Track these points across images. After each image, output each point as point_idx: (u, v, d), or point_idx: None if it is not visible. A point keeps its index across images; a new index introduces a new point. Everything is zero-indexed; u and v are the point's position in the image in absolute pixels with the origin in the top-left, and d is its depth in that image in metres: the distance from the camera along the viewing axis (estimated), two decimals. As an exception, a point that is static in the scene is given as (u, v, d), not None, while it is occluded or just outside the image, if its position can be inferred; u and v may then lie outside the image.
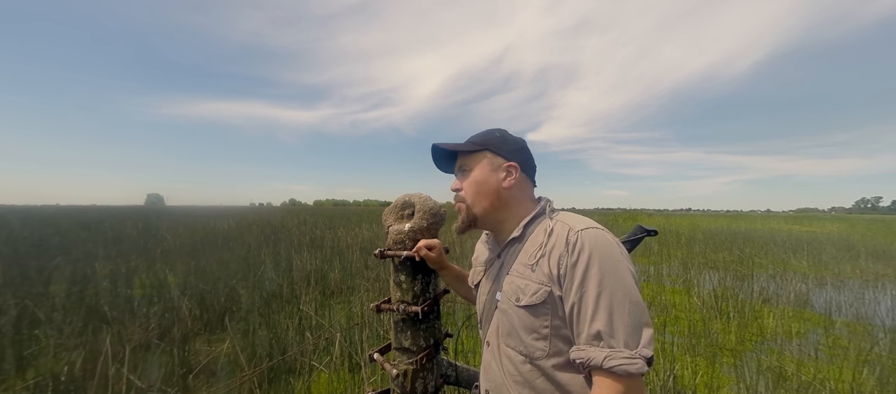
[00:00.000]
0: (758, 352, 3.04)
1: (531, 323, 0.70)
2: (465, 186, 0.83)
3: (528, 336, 0.70)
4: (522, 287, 0.72)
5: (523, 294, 0.71)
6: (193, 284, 4.14)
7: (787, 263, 7.35)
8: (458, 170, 0.86)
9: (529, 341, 0.70)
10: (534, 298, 0.69)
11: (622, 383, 0.58)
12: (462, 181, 0.84)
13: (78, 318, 3.10)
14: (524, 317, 0.71)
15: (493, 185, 0.79)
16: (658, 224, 17.63)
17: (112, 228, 11.25)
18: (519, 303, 0.72)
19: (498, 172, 0.80)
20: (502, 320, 0.76)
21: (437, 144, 0.86)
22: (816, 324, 3.86)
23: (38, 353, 2.52)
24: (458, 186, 0.85)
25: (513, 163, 0.80)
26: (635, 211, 38.14)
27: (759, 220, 30.65)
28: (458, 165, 0.85)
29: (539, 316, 0.69)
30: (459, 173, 0.85)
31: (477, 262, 0.96)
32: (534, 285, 0.70)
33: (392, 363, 1.09)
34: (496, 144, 0.81)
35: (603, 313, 0.61)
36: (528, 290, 0.71)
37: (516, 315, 0.72)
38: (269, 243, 7.71)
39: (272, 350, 2.58)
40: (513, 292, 0.73)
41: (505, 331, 0.76)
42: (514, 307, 0.73)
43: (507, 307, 0.75)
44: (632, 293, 0.62)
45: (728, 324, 3.66)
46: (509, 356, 0.74)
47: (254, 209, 40.13)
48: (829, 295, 4.86)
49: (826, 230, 16.63)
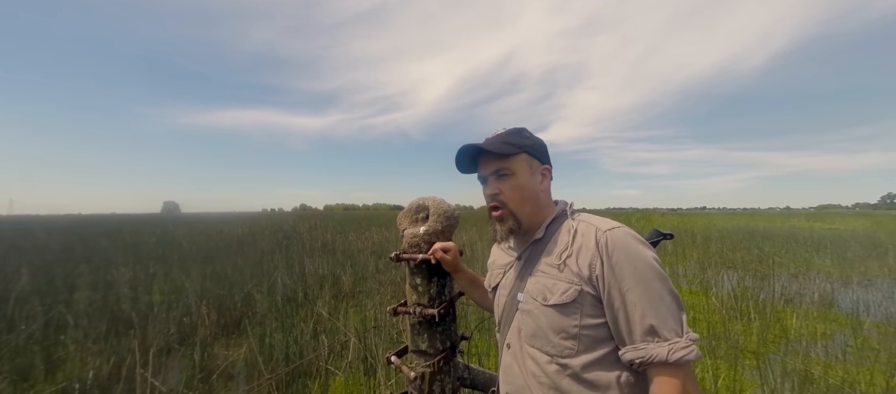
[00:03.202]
0: (781, 354, 2.93)
1: (560, 322, 0.70)
2: (506, 189, 0.79)
3: (557, 336, 0.70)
4: (550, 287, 0.72)
5: (551, 293, 0.71)
6: (210, 290, 4.24)
7: (810, 261, 7.08)
8: (494, 173, 0.79)
9: (557, 341, 0.70)
10: (563, 296, 0.69)
11: (685, 371, 0.61)
12: (500, 185, 0.79)
13: (102, 323, 3.22)
14: (553, 316, 0.70)
15: (534, 188, 0.79)
16: (673, 223, 17.25)
17: (131, 236, 11.63)
18: (547, 302, 0.71)
19: (535, 174, 0.80)
20: (525, 320, 0.76)
21: (478, 145, 0.79)
22: (843, 325, 3.71)
23: (65, 357, 2.62)
24: (497, 190, 0.80)
25: (547, 166, 0.82)
26: (648, 211, 37.39)
27: (779, 217, 29.68)
28: (496, 167, 0.79)
29: (569, 315, 0.69)
30: (496, 177, 0.80)
31: (494, 265, 0.94)
32: (563, 284, 0.70)
33: (409, 366, 1.09)
34: (531, 146, 0.80)
35: (651, 309, 0.62)
36: (556, 289, 0.71)
37: (544, 315, 0.72)
38: (281, 248, 7.84)
39: (288, 353, 2.62)
40: (539, 292, 0.73)
41: (529, 332, 0.75)
42: (542, 307, 0.72)
43: (532, 308, 0.74)
44: (667, 283, 0.65)
45: (749, 325, 3.55)
46: (533, 357, 0.74)
47: (266, 215, 40.84)
48: (856, 295, 4.66)
49: (850, 227, 16.00)
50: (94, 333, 3.01)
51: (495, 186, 0.80)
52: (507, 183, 0.79)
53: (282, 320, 3.38)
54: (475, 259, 6.29)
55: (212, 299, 3.86)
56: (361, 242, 8.81)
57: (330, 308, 3.78)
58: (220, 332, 3.30)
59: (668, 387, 0.60)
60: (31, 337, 2.87)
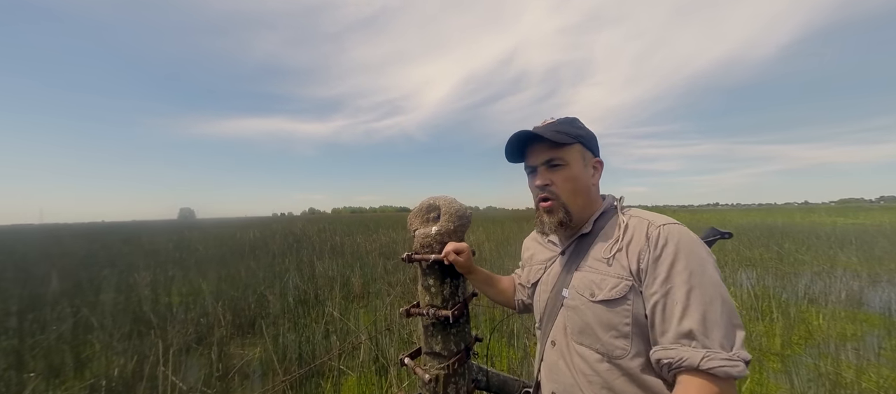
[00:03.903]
0: (808, 356, 2.81)
1: (610, 319, 0.66)
2: (559, 181, 0.75)
3: (606, 334, 0.66)
4: (598, 282, 0.69)
5: (600, 289, 0.68)
6: (225, 291, 4.34)
7: (835, 258, 6.79)
8: (545, 162, 0.76)
9: (607, 339, 0.66)
10: (613, 292, 0.66)
11: (718, 386, 0.53)
12: (552, 175, 0.75)
13: (125, 323, 3.33)
14: (601, 312, 0.67)
15: (586, 181, 0.76)
16: (685, 220, 16.80)
17: (150, 242, 12.00)
18: (594, 298, 0.68)
19: (588, 167, 0.77)
20: (572, 317, 0.73)
21: (532, 131, 0.75)
22: (874, 325, 3.53)
23: (92, 356, 2.73)
24: (548, 181, 0.76)
25: (599, 159, 0.79)
26: (657, 208, 36.62)
27: (798, 213, 28.63)
28: (549, 157, 0.75)
29: (618, 312, 0.65)
30: (548, 167, 0.76)
31: (533, 260, 0.92)
32: (612, 280, 0.67)
33: (423, 368, 1.08)
34: (586, 136, 0.76)
35: (694, 311, 0.56)
36: (605, 284, 0.67)
37: (592, 311, 0.68)
38: (292, 251, 7.97)
39: (301, 353, 2.66)
40: (586, 287, 0.70)
41: (576, 328, 0.72)
42: (589, 303, 0.69)
43: (579, 303, 0.71)
44: (723, 291, 0.58)
45: (772, 326, 3.42)
46: (582, 355, 0.70)
47: (277, 219, 41.62)
48: (887, 293, 4.45)
49: (876, 222, 15.30)
50: (119, 333, 3.12)
51: (547, 177, 0.76)
52: (560, 174, 0.75)
53: (294, 321, 3.42)
54: (483, 260, 6.26)
55: (227, 300, 3.95)
56: (369, 243, 8.88)
57: (341, 309, 3.81)
58: (236, 332, 3.37)
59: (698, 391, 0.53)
60: (61, 337, 3.00)
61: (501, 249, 7.28)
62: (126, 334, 3.10)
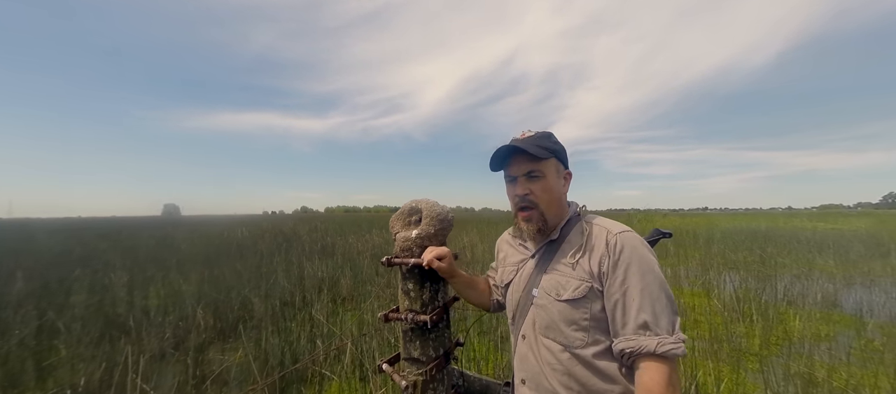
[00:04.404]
0: (784, 357, 2.89)
1: (572, 315, 0.77)
2: (537, 191, 0.84)
3: (568, 328, 0.78)
4: (563, 283, 0.80)
5: (564, 290, 0.79)
6: (207, 294, 4.20)
7: (813, 262, 7.03)
8: (526, 174, 0.84)
9: (569, 333, 0.78)
10: (575, 292, 0.77)
11: (669, 365, 0.67)
12: (532, 186, 0.84)
13: (96, 328, 3.18)
14: (565, 310, 0.78)
15: (559, 191, 0.87)
16: (674, 224, 17.21)
17: (129, 239, 11.60)
18: (560, 298, 0.79)
19: (560, 178, 0.88)
20: (540, 314, 0.83)
21: (519, 146, 0.82)
22: (846, 326, 3.66)
23: (57, 363, 2.58)
24: (527, 191, 0.85)
25: (569, 171, 0.90)
26: (650, 211, 37.40)
27: (781, 218, 29.61)
28: (529, 169, 0.84)
29: (579, 309, 0.77)
30: (528, 178, 0.84)
31: (506, 262, 1.00)
32: (575, 282, 0.78)
33: (401, 374, 1.06)
34: (559, 151, 0.87)
35: (647, 306, 0.70)
36: (570, 286, 0.79)
37: (556, 309, 0.79)
38: (281, 251, 7.81)
39: (284, 359, 2.58)
40: (553, 288, 0.81)
41: (543, 324, 0.82)
42: (555, 302, 0.80)
43: (546, 302, 0.82)
44: (666, 288, 0.72)
45: (752, 327, 3.50)
46: (548, 347, 0.81)
47: (266, 217, 40.79)
48: (859, 295, 4.62)
49: (852, 227, 15.91)
50: (88, 338, 2.98)
51: (526, 187, 0.85)
52: (539, 185, 0.84)
53: (278, 325, 3.34)
54: (476, 261, 6.25)
55: (209, 302, 3.83)
56: (362, 244, 8.77)
57: (328, 312, 3.74)
58: (217, 336, 3.26)
59: (656, 374, 0.66)
60: (23, 343, 2.83)
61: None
62: (96, 339, 2.95)
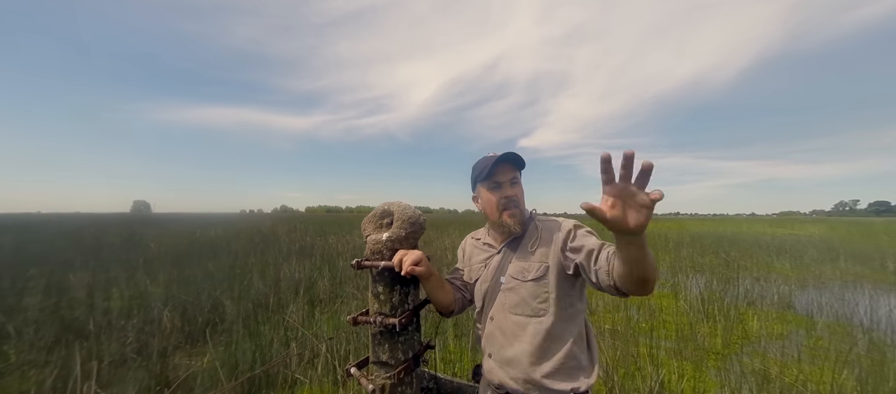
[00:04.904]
0: (742, 355, 3.08)
1: (535, 291, 0.99)
2: (519, 194, 1.07)
3: (534, 301, 0.99)
4: (527, 267, 1.01)
5: (529, 272, 1.01)
6: (176, 295, 4.02)
7: (771, 265, 7.51)
8: (511, 180, 1.06)
9: (534, 305, 0.98)
10: (537, 273, 1.00)
11: None
12: (515, 190, 1.06)
13: (50, 332, 2.98)
14: (531, 287, 0.99)
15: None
16: (647, 229, 17.88)
17: (93, 237, 10.91)
18: (526, 279, 1.00)
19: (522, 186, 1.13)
20: (509, 295, 1.03)
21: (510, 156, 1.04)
22: (799, 325, 3.94)
23: (5, 370, 2.40)
24: (513, 194, 1.06)
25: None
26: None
27: (745, 223, 31.39)
28: (513, 176, 1.06)
29: (540, 285, 0.99)
30: (512, 183, 1.06)
31: (472, 260, 1.18)
32: (536, 264, 1.01)
33: (369, 378, 1.06)
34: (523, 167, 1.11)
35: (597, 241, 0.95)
36: (532, 268, 1.01)
37: (524, 288, 1.00)
38: (257, 252, 7.57)
39: (255, 363, 2.51)
40: (519, 272, 1.02)
41: (511, 303, 1.02)
42: (522, 283, 1.00)
43: (514, 285, 1.02)
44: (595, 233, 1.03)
45: (714, 327, 3.70)
46: (514, 321, 1.00)
47: (243, 217, 39.26)
48: (811, 296, 4.97)
49: (807, 233, 17.12)
50: (41, 342, 2.78)
51: (512, 191, 1.06)
52: (518, 190, 1.07)
53: (250, 328, 3.24)
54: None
55: (177, 305, 3.66)
56: (342, 245, 8.63)
57: (304, 314, 3.66)
58: (185, 340, 3.12)
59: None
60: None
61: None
62: (51, 343, 2.77)
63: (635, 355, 2.85)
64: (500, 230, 1.11)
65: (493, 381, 1.03)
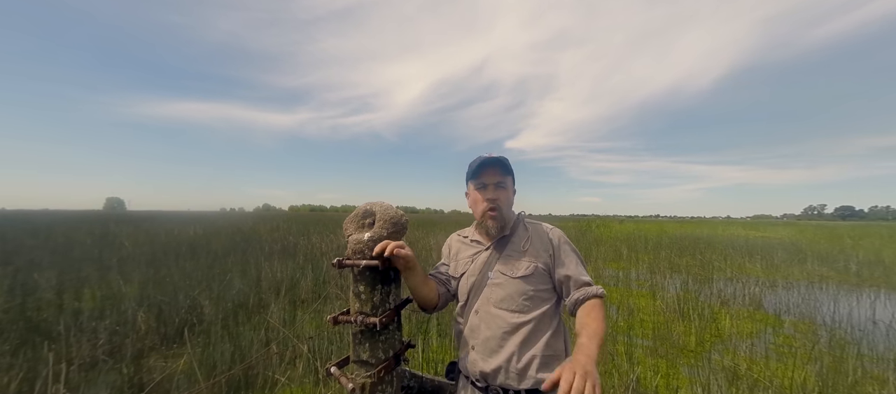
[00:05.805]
0: (714, 352, 3.22)
1: (523, 288, 1.05)
2: (502, 198, 1.13)
3: (520, 297, 1.05)
4: (516, 265, 1.08)
5: (517, 269, 1.07)
6: (151, 296, 3.88)
7: (744, 266, 7.85)
8: (496, 183, 1.12)
9: (520, 301, 1.05)
10: (526, 271, 1.06)
11: (602, 302, 1.04)
12: (499, 193, 1.12)
13: (15, 333, 2.83)
14: (519, 285, 1.05)
15: (512, 201, 1.18)
16: (629, 230, 18.37)
17: (64, 235, 10.36)
18: (514, 276, 1.06)
19: (512, 191, 1.18)
20: (496, 290, 1.08)
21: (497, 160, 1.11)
22: (768, 324, 4.15)
23: (-38, 375, 2.26)
24: (496, 197, 1.12)
25: (515, 189, 1.21)
26: (608, 217, 39.60)
27: (721, 226, 32.64)
28: (499, 180, 1.12)
29: (528, 283, 1.06)
30: (496, 187, 1.12)
31: (459, 256, 1.22)
32: (526, 262, 1.08)
33: (349, 377, 1.06)
34: (513, 172, 1.18)
35: (583, 269, 1.09)
36: (521, 266, 1.07)
37: (512, 285, 1.06)
38: (238, 251, 7.37)
39: (233, 365, 2.46)
40: (508, 269, 1.08)
41: (498, 298, 1.07)
42: (510, 279, 1.06)
43: (502, 281, 1.07)
44: (580, 255, 1.14)
45: (689, 326, 3.86)
46: (500, 315, 1.05)
47: (223, 215, 37.96)
48: (780, 296, 5.24)
49: (778, 235, 17.97)
50: (6, 345, 2.64)
51: (495, 194, 1.12)
52: (503, 193, 1.13)
53: (229, 329, 3.16)
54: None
55: (152, 305, 3.54)
56: (325, 244, 8.51)
57: (286, 315, 3.60)
58: (160, 342, 3.02)
59: (597, 305, 1.00)
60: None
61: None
62: (16, 345, 2.63)
63: (613, 353, 2.94)
64: (482, 229, 1.18)
65: (475, 372, 1.06)
